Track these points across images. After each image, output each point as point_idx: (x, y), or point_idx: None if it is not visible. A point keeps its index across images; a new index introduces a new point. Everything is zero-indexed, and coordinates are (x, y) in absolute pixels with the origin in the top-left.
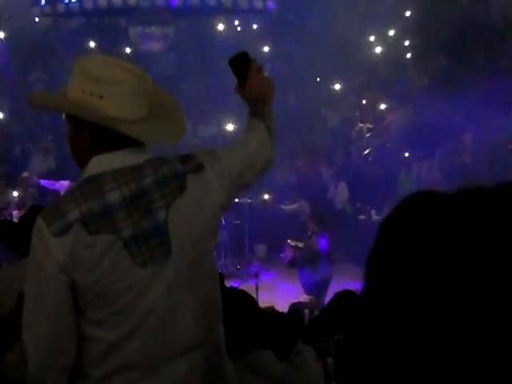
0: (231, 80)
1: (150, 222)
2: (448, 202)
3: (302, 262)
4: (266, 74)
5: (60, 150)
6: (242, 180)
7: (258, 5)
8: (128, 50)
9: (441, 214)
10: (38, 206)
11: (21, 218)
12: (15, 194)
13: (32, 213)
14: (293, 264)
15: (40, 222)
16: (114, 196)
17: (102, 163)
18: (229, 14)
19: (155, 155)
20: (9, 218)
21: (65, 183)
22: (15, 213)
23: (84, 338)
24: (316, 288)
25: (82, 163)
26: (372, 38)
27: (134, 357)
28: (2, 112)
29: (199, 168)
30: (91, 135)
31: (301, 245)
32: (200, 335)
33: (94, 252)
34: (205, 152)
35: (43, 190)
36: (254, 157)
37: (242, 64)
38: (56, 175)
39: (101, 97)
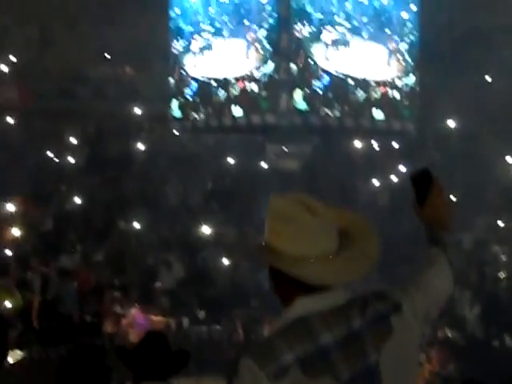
0: (365, 199)
1: (363, 365)
2: None
3: None
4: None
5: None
6: (429, 318)
7: (396, 126)
8: (265, 167)
9: None
10: (156, 333)
11: (140, 344)
12: (133, 311)
13: (150, 339)
14: None
15: (251, 364)
16: (326, 338)
17: (306, 305)
18: (367, 133)
19: (353, 293)
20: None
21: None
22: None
23: None
24: None
25: (287, 304)
26: (510, 158)
27: None
28: (139, 222)
29: (398, 308)
30: (288, 283)
31: None
32: None
33: None
34: (396, 290)
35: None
36: (439, 294)
37: (424, 181)
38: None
39: (281, 237)
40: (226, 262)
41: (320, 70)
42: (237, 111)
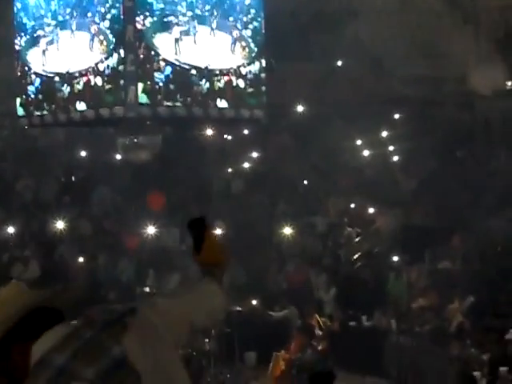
0: (218, 187)
1: (108, 358)
2: None
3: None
4: (222, 242)
5: (45, 258)
6: (196, 323)
7: (245, 114)
8: (117, 159)
9: None
10: None
11: None
12: None
13: None
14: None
15: None
16: (59, 359)
17: (39, 348)
18: (216, 122)
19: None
20: None
21: None
22: None
23: None
24: None
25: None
26: (359, 142)
27: None
28: None
29: (133, 310)
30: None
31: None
32: None
33: None
34: (137, 302)
35: None
36: (209, 307)
37: (199, 228)
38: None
39: None
40: (82, 255)
41: (162, 61)
42: (81, 107)
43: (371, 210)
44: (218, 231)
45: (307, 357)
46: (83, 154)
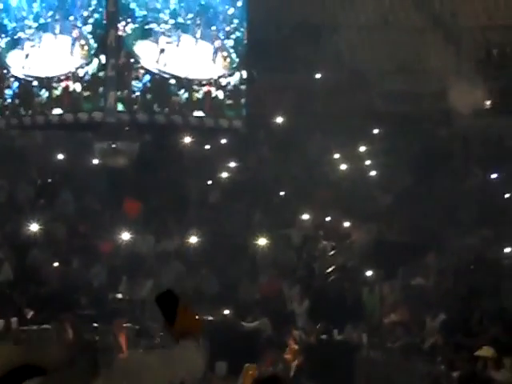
0: (195, 195)
1: None
2: None
3: None
4: (193, 312)
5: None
6: (174, 376)
7: (224, 124)
8: (94, 163)
9: None
10: None
11: None
12: None
13: None
14: None
15: None
16: None
17: None
18: (194, 131)
19: None
20: None
21: None
22: None
23: None
24: None
25: None
26: (337, 155)
27: None
28: None
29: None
30: None
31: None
32: None
33: None
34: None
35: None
36: (187, 366)
37: (170, 302)
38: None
39: None
40: (55, 259)
41: (141, 69)
42: (58, 112)
43: (346, 224)
44: (193, 239)
45: (278, 371)
46: (60, 157)
